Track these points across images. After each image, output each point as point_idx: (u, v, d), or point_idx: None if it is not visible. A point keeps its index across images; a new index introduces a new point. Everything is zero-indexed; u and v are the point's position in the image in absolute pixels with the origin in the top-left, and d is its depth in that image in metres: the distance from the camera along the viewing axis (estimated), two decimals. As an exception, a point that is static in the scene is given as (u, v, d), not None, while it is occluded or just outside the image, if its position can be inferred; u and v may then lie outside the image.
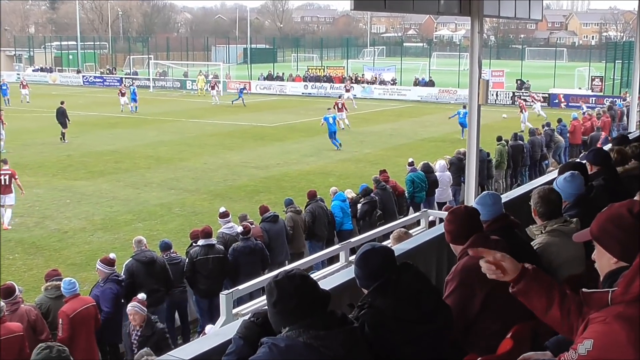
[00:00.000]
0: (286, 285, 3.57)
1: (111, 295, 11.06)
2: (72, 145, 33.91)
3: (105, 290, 11.05)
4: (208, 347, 4.50)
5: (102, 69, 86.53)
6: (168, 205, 22.58)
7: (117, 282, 11.21)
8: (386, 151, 32.44)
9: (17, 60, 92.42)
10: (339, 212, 16.48)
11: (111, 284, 11.14)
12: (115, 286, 11.14)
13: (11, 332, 9.09)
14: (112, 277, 11.20)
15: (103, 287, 11.12)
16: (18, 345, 9.09)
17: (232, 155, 31.12)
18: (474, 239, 4.82)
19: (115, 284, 11.17)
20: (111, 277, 11.19)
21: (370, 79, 64.08)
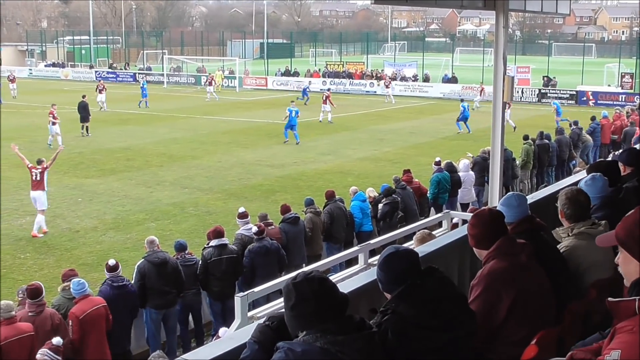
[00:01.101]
0: (305, 288, 3.49)
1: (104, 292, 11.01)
2: (83, 142, 33.64)
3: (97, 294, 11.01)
4: (222, 351, 4.36)
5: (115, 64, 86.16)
6: (181, 204, 22.29)
7: (109, 287, 11.08)
8: (406, 150, 31.89)
9: (30, 55, 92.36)
10: (358, 213, 16.13)
11: (103, 287, 11.14)
12: (107, 289, 11.02)
13: (22, 332, 9.21)
14: (107, 282, 11.14)
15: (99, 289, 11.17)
16: (29, 345, 9.21)
17: (246, 154, 30.72)
18: (500, 244, 4.67)
19: (107, 287, 11.07)
20: (106, 281, 11.15)
21: (391, 75, 63.29)
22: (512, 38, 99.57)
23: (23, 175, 25.51)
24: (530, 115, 43.13)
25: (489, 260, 4.66)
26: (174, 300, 11.90)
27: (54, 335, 9.63)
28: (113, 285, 10.99)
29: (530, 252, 4.60)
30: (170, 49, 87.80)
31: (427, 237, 8.02)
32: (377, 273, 4.08)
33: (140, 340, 11.92)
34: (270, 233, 13.35)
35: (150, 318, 11.74)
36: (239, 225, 13.88)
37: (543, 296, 4.56)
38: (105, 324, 10.42)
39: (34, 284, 9.94)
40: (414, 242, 8.23)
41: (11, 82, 56.25)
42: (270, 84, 64.35)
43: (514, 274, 4.50)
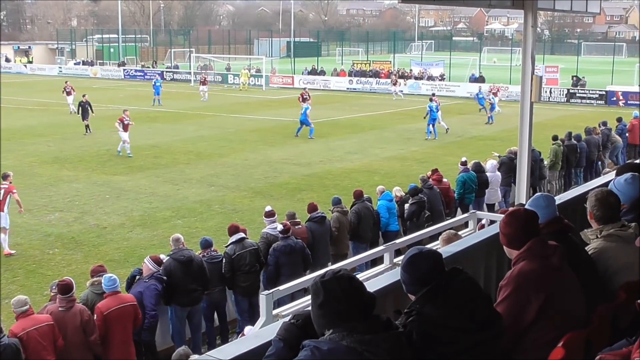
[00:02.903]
0: (334, 287, 3.47)
1: (155, 292, 11.02)
2: (111, 139, 33.72)
3: (150, 287, 11.00)
4: (247, 348, 4.34)
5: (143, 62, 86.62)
6: (207, 202, 22.31)
7: (160, 281, 11.14)
8: (433, 149, 31.73)
9: (59, 54, 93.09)
10: (385, 213, 16.04)
11: (155, 281, 11.09)
12: (159, 285, 11.07)
13: (40, 321, 9.25)
14: (157, 275, 11.15)
15: (147, 282, 11.08)
16: (51, 334, 9.26)
17: (273, 152, 30.71)
18: (532, 245, 4.59)
19: (159, 282, 11.10)
20: (156, 274, 11.14)
21: (418, 75, 63.03)
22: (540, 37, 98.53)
23: (52, 172, 25.87)
24: (558, 116, 42.79)
25: (519, 260, 4.61)
26: (199, 297, 11.90)
27: (82, 332, 9.76)
28: (163, 279, 11.10)
29: (561, 254, 4.56)
30: (198, 47, 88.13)
31: (453, 238, 8.01)
32: (401, 274, 4.07)
33: (166, 336, 11.97)
34: (296, 232, 13.32)
35: (175, 315, 11.78)
36: (265, 223, 13.86)
37: (572, 299, 4.51)
38: (131, 324, 10.41)
39: (65, 279, 9.96)
40: (439, 243, 8.21)
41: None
42: (296, 82, 64.32)
43: (544, 276, 4.45)
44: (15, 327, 9.15)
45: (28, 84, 67.38)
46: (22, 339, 8.92)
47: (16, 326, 9.14)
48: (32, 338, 9.04)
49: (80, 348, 9.80)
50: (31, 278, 15.65)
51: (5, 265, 16.49)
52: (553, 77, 55.80)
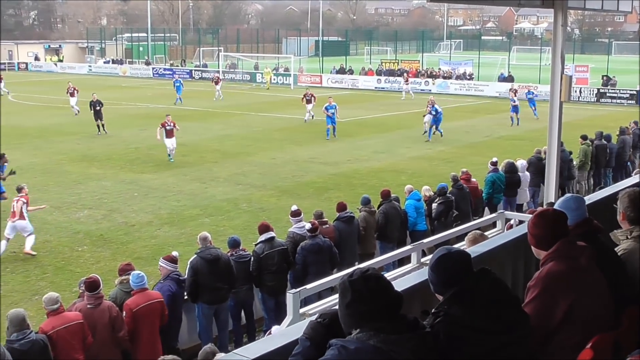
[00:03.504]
0: (361, 286, 3.46)
1: (168, 293, 10.96)
2: (139, 137, 34.06)
3: (163, 288, 11.01)
4: (273, 347, 4.36)
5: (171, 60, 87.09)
6: (235, 200, 22.37)
7: (176, 282, 11.15)
8: (461, 149, 31.56)
9: (89, 52, 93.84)
10: (412, 212, 15.95)
11: (170, 282, 11.11)
12: (174, 285, 11.08)
13: (70, 320, 9.31)
14: (173, 276, 11.17)
15: (162, 284, 11.11)
16: (80, 332, 9.35)
17: (300, 151, 30.72)
18: (560, 246, 4.54)
19: (174, 282, 11.11)
20: (172, 274, 11.16)
21: (446, 74, 62.80)
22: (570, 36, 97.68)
23: (81, 170, 26.09)
24: (588, 116, 42.41)
25: (547, 261, 4.55)
26: (225, 295, 11.93)
27: (111, 328, 9.83)
28: (179, 279, 11.14)
29: (590, 255, 4.50)
30: (226, 46, 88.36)
31: (480, 238, 7.93)
32: (429, 274, 4.04)
33: (192, 334, 12.01)
34: (323, 231, 13.30)
35: (202, 313, 11.81)
36: (291, 222, 13.87)
37: (601, 300, 4.45)
38: (159, 320, 10.46)
39: (92, 277, 10.02)
40: (465, 243, 8.16)
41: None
42: (324, 81, 64.32)
43: (573, 277, 4.41)
44: (45, 324, 9.20)
45: (58, 83, 67.86)
46: (51, 337, 8.97)
47: (46, 324, 9.20)
48: (62, 337, 9.10)
49: (109, 344, 9.89)
50: (60, 275, 15.78)
51: (35, 262, 16.68)
52: (583, 76, 55.33)
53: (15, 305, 13.24)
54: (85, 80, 70.18)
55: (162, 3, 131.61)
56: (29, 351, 8.55)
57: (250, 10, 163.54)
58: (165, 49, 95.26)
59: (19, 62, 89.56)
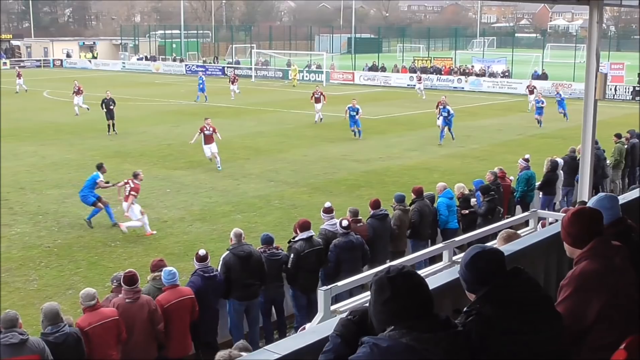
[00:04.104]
0: (399, 283, 3.43)
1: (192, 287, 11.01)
2: (172, 134, 34.27)
3: (187, 283, 11.12)
4: (304, 343, 4.38)
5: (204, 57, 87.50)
6: (267, 197, 22.43)
7: (201, 277, 11.14)
8: (493, 147, 31.38)
9: (123, 49, 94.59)
10: (444, 210, 15.82)
11: (194, 277, 11.17)
12: (198, 280, 11.09)
13: (106, 316, 9.39)
14: (198, 272, 11.19)
15: (190, 279, 11.24)
16: (115, 329, 9.43)
17: (331, 148, 30.72)
18: (595, 244, 4.51)
19: (198, 277, 11.12)
20: (197, 271, 11.20)
21: (479, 71, 62.43)
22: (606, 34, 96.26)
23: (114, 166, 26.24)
24: (623, 114, 41.87)
25: (581, 260, 4.53)
26: (256, 292, 11.95)
27: (150, 322, 9.91)
28: (204, 276, 11.11)
29: (625, 254, 4.46)
30: (259, 43, 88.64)
31: (513, 236, 7.87)
32: (462, 272, 4.00)
33: (224, 330, 12.04)
34: (356, 229, 13.28)
35: (233, 309, 11.85)
36: (323, 219, 13.83)
37: (635, 300, 4.40)
38: (189, 316, 10.52)
39: (131, 271, 10.04)
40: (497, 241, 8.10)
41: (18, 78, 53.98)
42: (357, 78, 64.27)
43: (607, 276, 4.36)
44: (81, 320, 9.28)
45: (91, 79, 68.53)
46: (87, 333, 9.07)
47: (83, 319, 9.28)
48: (97, 333, 9.18)
49: (149, 338, 9.97)
50: (93, 270, 15.92)
51: (69, 256, 16.85)
52: (618, 74, 54.67)
53: (49, 299, 13.40)
54: (119, 77, 70.93)
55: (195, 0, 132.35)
56: (62, 344, 8.63)
57: (282, 7, 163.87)
58: (198, 46, 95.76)
59: (54, 58, 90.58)
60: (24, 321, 8.65)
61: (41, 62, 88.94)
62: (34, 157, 28.49)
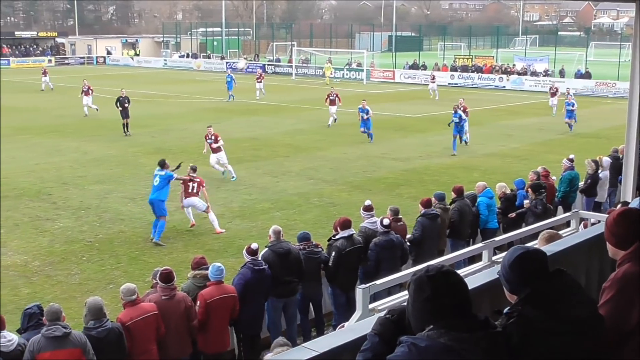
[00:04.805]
0: (440, 282, 3.42)
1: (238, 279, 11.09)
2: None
3: (237, 275, 11.18)
4: (342, 341, 4.37)
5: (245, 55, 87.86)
6: (306, 195, 22.48)
7: (251, 270, 11.15)
8: (534, 146, 31.10)
9: (165, 47, 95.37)
10: (484, 210, 15.71)
11: (244, 270, 11.18)
12: (247, 272, 11.10)
13: (146, 311, 9.50)
14: (248, 265, 11.21)
15: (240, 270, 11.26)
16: (154, 324, 9.54)
17: (371, 146, 30.70)
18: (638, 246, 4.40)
19: (248, 270, 11.14)
20: (247, 264, 11.22)
21: (521, 70, 61.85)
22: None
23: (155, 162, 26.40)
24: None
25: (624, 262, 4.43)
26: (294, 289, 11.96)
27: (186, 318, 9.99)
28: (254, 268, 11.13)
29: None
30: (299, 41, 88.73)
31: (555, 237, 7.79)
32: (504, 273, 3.94)
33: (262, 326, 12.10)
34: (395, 228, 13.25)
35: (272, 306, 11.87)
36: (363, 217, 13.80)
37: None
38: (229, 314, 10.57)
39: (167, 269, 10.12)
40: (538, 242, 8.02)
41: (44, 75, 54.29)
42: (397, 77, 64.10)
43: (650, 279, 4.27)
44: (123, 315, 9.38)
45: (133, 76, 69.28)
46: (129, 328, 9.17)
47: (124, 314, 9.38)
48: (138, 327, 9.28)
49: (184, 334, 10.04)
50: (134, 265, 16.09)
51: (110, 251, 17.06)
52: (665, 73, 53.65)
53: (91, 293, 13.60)
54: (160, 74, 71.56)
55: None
56: (105, 339, 8.74)
57: (323, 5, 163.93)
58: (239, 43, 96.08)
59: (97, 56, 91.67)
60: (66, 314, 8.74)
61: (85, 60, 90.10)
62: (77, 153, 28.87)
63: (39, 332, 8.28)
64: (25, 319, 8.88)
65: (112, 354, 8.92)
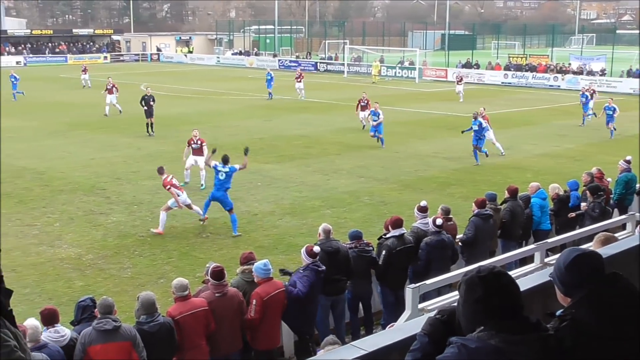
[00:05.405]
0: (492, 283, 3.40)
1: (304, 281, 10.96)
2: (263, 128, 34.64)
3: (297, 276, 11.04)
4: (390, 341, 4.43)
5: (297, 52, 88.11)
6: (356, 193, 22.42)
7: (315, 272, 11.10)
8: (589, 147, 30.63)
9: (218, 44, 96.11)
10: (537, 211, 15.47)
11: (308, 272, 11.06)
12: (312, 275, 11.02)
13: (196, 307, 9.53)
14: (311, 266, 11.12)
15: (302, 272, 11.07)
16: (204, 319, 9.54)
17: (422, 145, 30.53)
18: None
19: (312, 272, 11.06)
20: (310, 265, 11.12)
21: (577, 69, 60.96)
22: None
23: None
24: None
25: None
26: (342, 287, 11.94)
27: (240, 313, 10.03)
28: (317, 270, 11.12)
29: None
30: (352, 39, 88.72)
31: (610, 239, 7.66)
32: (559, 275, 3.85)
33: (310, 324, 12.12)
34: (446, 227, 13.15)
35: (320, 304, 11.87)
36: (416, 217, 13.68)
37: None
38: (281, 310, 10.58)
39: (218, 266, 10.13)
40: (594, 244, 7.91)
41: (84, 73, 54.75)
42: (450, 75, 63.67)
43: None
44: (173, 309, 9.46)
45: (186, 73, 69.98)
46: (178, 322, 9.23)
47: (174, 309, 9.45)
48: (188, 322, 9.33)
49: (237, 330, 10.08)
50: (184, 260, 16.22)
51: (162, 246, 17.24)
52: None
53: (142, 287, 13.75)
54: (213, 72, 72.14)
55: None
56: (156, 333, 8.83)
57: (376, 3, 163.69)
58: (292, 41, 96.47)
59: (152, 53, 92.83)
60: (117, 308, 8.85)
61: (139, 56, 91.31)
62: (130, 149, 29.25)
63: (90, 325, 8.41)
64: (78, 311, 9.01)
65: (163, 349, 9.01)
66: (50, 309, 8.74)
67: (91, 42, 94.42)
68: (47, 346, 8.12)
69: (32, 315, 9.16)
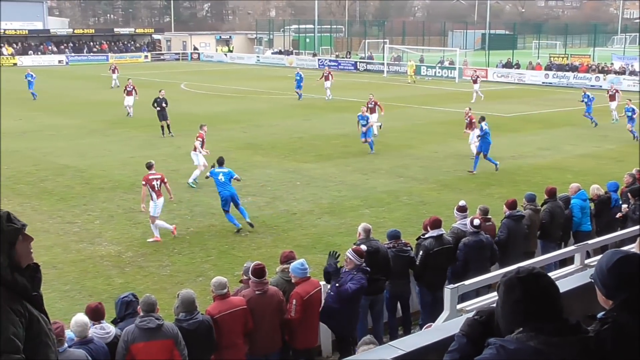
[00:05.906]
0: (532, 284, 3.38)
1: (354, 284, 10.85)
2: (302, 127, 34.72)
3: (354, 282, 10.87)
4: (428, 341, 4.45)
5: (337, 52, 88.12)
6: (395, 192, 22.39)
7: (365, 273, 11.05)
8: (631, 147, 30.13)
9: (258, 43, 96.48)
10: (578, 212, 15.29)
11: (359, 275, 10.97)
12: (363, 278, 10.98)
13: (234, 305, 9.56)
14: (362, 268, 11.05)
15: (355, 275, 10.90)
16: (243, 318, 9.56)
17: (462, 145, 30.23)
18: None
19: (364, 276, 11.01)
20: (361, 267, 11.03)
21: (619, 69, 60.13)
22: None
23: (246, 158, 26.86)
24: None
25: None
26: (381, 287, 11.93)
27: (279, 313, 10.04)
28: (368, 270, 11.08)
29: None
30: (392, 38, 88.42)
31: (655, 241, 7.56)
32: (601, 277, 3.78)
33: (348, 324, 12.12)
34: (485, 228, 13.10)
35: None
36: (455, 217, 13.69)
37: None
38: (318, 307, 10.58)
39: (259, 264, 10.12)
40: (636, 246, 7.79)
41: (113, 72, 54.56)
42: (490, 75, 63.20)
43: None
44: (212, 308, 9.50)
45: (226, 72, 70.36)
46: (217, 321, 9.28)
47: (213, 307, 9.50)
48: (226, 321, 9.36)
49: (277, 328, 10.11)
50: (223, 258, 16.31)
51: (200, 244, 17.35)
52: None
53: (181, 285, 13.86)
54: (253, 71, 72.48)
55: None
56: (195, 331, 8.90)
57: (416, 2, 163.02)
58: (331, 40, 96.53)
59: (192, 52, 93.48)
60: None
61: (179, 55, 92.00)
62: (170, 147, 29.48)
63: (133, 323, 8.47)
64: (122, 307, 9.08)
65: (202, 346, 9.07)
66: (97, 305, 8.83)
67: (132, 41, 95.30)
68: (93, 341, 8.20)
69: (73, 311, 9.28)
